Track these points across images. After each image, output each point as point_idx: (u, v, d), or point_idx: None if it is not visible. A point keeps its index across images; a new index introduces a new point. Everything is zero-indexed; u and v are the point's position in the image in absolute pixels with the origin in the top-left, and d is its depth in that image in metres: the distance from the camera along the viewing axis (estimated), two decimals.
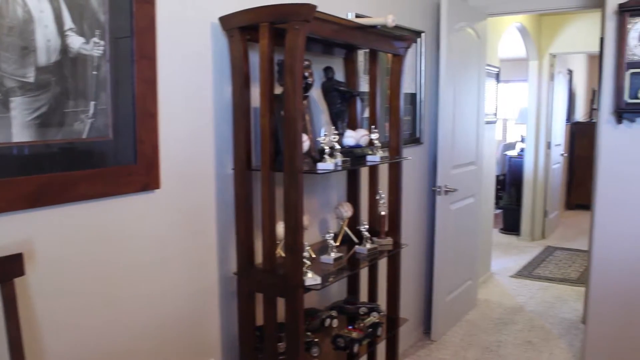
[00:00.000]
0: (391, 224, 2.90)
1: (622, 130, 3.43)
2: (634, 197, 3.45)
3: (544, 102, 7.28)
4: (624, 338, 3.56)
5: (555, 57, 7.36)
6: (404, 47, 2.84)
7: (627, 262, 3.50)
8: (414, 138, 3.84)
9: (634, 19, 3.30)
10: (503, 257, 6.60)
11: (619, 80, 3.34)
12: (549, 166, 7.50)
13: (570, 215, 8.98)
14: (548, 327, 4.51)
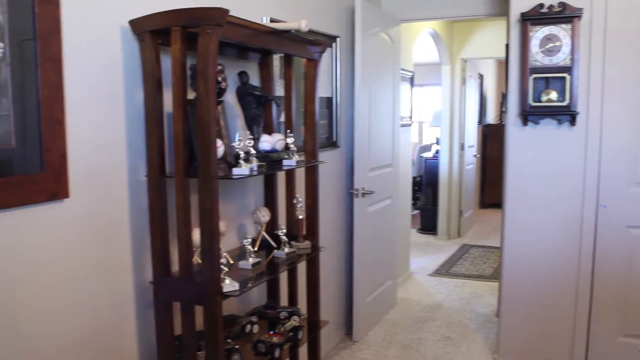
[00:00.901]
0: (309, 228, 2.92)
1: (527, 132, 3.61)
2: (540, 195, 3.64)
3: (457, 106, 7.55)
4: (534, 329, 3.74)
5: (467, 62, 7.65)
6: (318, 52, 2.87)
7: (535, 257, 3.68)
8: (330, 142, 3.88)
9: (535, 28, 3.48)
10: (421, 256, 6.78)
11: (524, 84, 3.51)
12: (463, 167, 7.77)
13: (484, 213, 9.34)
14: (465, 322, 4.67)
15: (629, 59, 3.39)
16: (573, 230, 3.58)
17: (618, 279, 3.53)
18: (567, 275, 3.63)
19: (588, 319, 3.62)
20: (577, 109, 3.44)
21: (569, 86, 3.41)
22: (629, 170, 3.45)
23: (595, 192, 3.51)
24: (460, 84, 7.57)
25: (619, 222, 3.49)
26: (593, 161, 3.50)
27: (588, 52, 3.44)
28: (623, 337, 3.53)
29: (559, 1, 3.41)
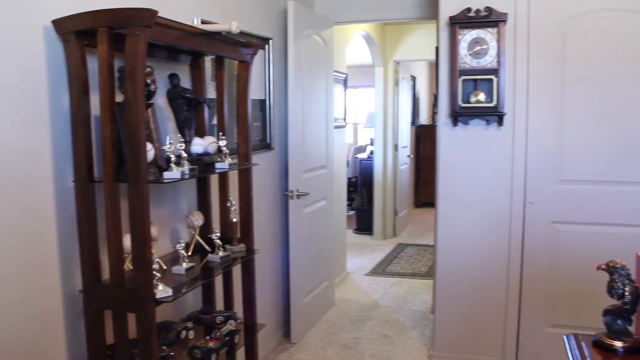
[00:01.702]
0: (243, 231, 2.90)
1: (458, 132, 3.70)
2: (471, 194, 3.73)
3: (390, 107, 7.66)
4: (468, 323, 3.84)
5: (399, 64, 7.79)
6: (250, 54, 2.85)
7: (467, 254, 3.78)
8: (264, 144, 3.86)
9: (463, 31, 3.57)
10: (358, 256, 6.85)
11: (453, 86, 3.60)
12: (397, 167, 7.90)
13: (418, 213, 9.52)
14: (401, 320, 4.74)
15: (550, 61, 3.53)
16: (503, 227, 3.70)
17: (545, 273, 3.66)
18: (497, 271, 3.74)
19: (518, 312, 3.75)
20: (504, 109, 3.56)
21: (496, 88, 3.52)
22: (553, 168, 3.59)
23: (522, 189, 3.64)
24: (393, 85, 7.69)
25: (545, 218, 3.63)
26: (520, 160, 3.62)
27: (513, 55, 3.56)
28: (550, 328, 3.67)
29: (486, 6, 3.51)
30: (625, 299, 1.71)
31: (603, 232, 3.53)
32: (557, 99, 3.54)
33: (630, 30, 3.41)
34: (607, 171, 3.52)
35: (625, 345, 1.72)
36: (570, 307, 3.60)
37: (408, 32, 7.49)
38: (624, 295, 1.71)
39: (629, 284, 1.72)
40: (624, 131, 3.48)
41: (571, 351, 1.79)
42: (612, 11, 3.43)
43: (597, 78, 3.48)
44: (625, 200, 3.51)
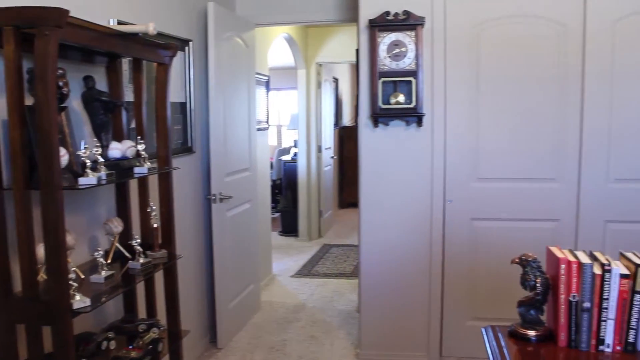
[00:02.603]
0: (165, 236, 2.83)
1: (379, 133, 3.77)
2: (392, 193, 3.81)
3: (313, 109, 7.70)
4: (393, 320, 3.91)
5: (322, 66, 7.84)
6: (169, 56, 2.79)
7: (390, 252, 3.85)
8: (185, 147, 3.79)
9: (383, 34, 3.64)
10: (283, 258, 6.84)
11: (373, 88, 3.66)
12: (321, 169, 7.95)
13: (343, 213, 9.62)
14: (328, 320, 4.77)
15: (466, 64, 3.66)
16: (424, 225, 3.80)
17: (465, 268, 3.79)
18: (420, 268, 3.83)
19: (441, 307, 3.86)
20: (422, 110, 3.65)
21: (415, 89, 3.61)
22: (470, 166, 3.72)
23: (442, 188, 3.75)
24: (316, 87, 7.73)
25: (464, 215, 3.75)
26: (439, 159, 3.73)
27: (431, 57, 3.66)
28: (472, 321, 3.79)
29: (404, 10, 3.60)
30: (537, 290, 1.79)
31: (517, 227, 3.70)
32: (473, 99, 3.68)
33: (536, 35, 3.60)
34: (520, 169, 3.69)
35: (538, 334, 1.80)
36: (490, 300, 3.74)
37: (330, 34, 7.56)
38: (535, 286, 1.79)
39: (540, 275, 1.80)
40: (534, 130, 3.66)
41: (489, 342, 1.86)
42: (520, 17, 3.61)
43: (509, 80, 3.64)
44: (536, 196, 3.69)
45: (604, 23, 3.53)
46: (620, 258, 1.80)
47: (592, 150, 3.61)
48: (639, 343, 1.71)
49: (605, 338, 1.72)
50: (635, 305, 1.69)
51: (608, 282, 1.69)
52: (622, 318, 1.70)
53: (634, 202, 3.62)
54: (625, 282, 1.69)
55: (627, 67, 3.54)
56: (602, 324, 1.72)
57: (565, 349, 1.76)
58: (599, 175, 3.62)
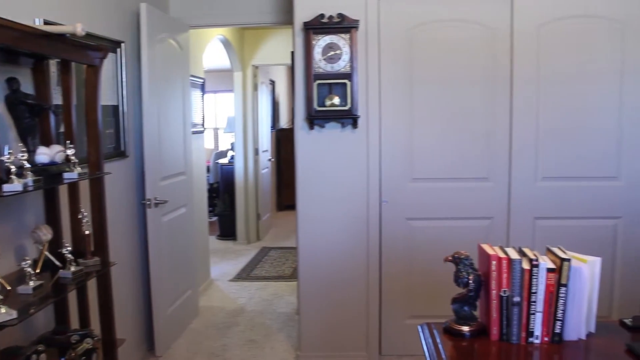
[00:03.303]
0: (98, 243, 2.76)
1: (314, 135, 3.79)
2: (329, 195, 3.83)
3: (250, 111, 7.66)
4: (332, 321, 3.93)
5: (258, 68, 7.81)
6: (99, 58, 2.72)
7: (328, 253, 3.87)
8: (118, 151, 3.70)
9: (318, 36, 3.66)
10: (222, 262, 6.78)
11: (309, 90, 3.67)
12: (259, 171, 7.92)
13: (281, 215, 9.61)
14: (268, 324, 4.76)
15: (399, 66, 3.73)
16: (361, 226, 3.83)
17: (402, 268, 3.85)
18: (358, 268, 3.87)
19: (379, 307, 3.90)
20: (357, 112, 3.69)
21: (350, 91, 3.65)
22: (405, 167, 3.79)
23: (378, 189, 3.80)
24: (253, 90, 7.70)
25: (400, 215, 3.82)
26: (374, 160, 3.78)
27: (365, 60, 3.71)
28: (409, 319, 3.86)
29: (338, 12, 3.63)
30: (469, 286, 1.84)
31: (452, 226, 3.79)
32: (407, 101, 3.75)
33: (467, 38, 3.71)
34: (454, 169, 3.79)
35: (472, 329, 1.85)
36: (427, 298, 3.82)
37: (266, 36, 7.54)
38: (468, 283, 1.84)
39: (472, 272, 1.85)
40: (467, 131, 3.76)
41: (425, 339, 1.89)
42: (452, 21, 3.72)
43: (442, 82, 3.74)
44: (469, 195, 3.79)
45: (530, 28, 3.67)
46: (547, 253, 1.87)
47: (521, 150, 3.74)
48: (565, 333, 1.79)
49: (534, 330, 1.79)
50: (560, 298, 1.76)
51: (536, 277, 1.76)
52: (549, 310, 1.77)
53: (560, 199, 3.78)
54: (551, 276, 1.76)
55: (551, 70, 3.69)
56: (531, 316, 1.78)
57: (497, 343, 1.81)
58: (528, 174, 3.76)
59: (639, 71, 3.70)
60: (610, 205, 3.79)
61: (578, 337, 1.81)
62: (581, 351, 1.78)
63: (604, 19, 3.68)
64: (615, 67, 3.70)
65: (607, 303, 3.84)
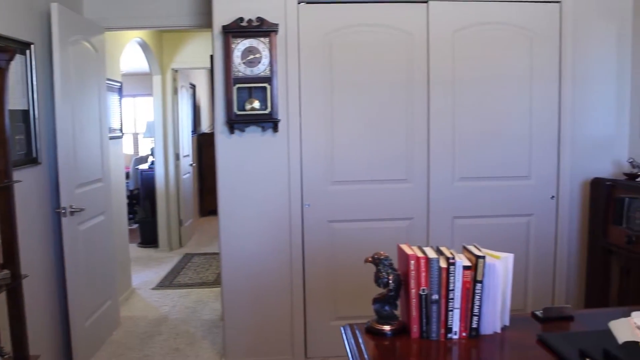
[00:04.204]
0: (7, 255, 2.62)
1: (235, 140, 3.76)
2: (251, 200, 3.82)
3: (170, 116, 7.51)
4: (257, 326, 3.91)
5: (178, 72, 7.67)
6: (5, 60, 2.60)
7: (251, 258, 3.85)
8: (30, 158, 3.53)
9: (237, 40, 3.64)
10: (144, 270, 6.61)
11: (229, 94, 3.64)
12: (180, 177, 7.78)
13: (204, 221, 9.48)
14: (192, 331, 4.67)
15: (319, 70, 3.77)
16: (283, 230, 3.84)
17: (325, 270, 3.88)
18: (281, 272, 3.87)
19: (304, 310, 3.92)
20: (278, 116, 3.70)
21: (270, 95, 3.65)
22: (326, 170, 3.83)
23: (299, 192, 3.82)
24: (173, 94, 7.55)
25: (321, 218, 3.85)
26: (296, 164, 3.79)
27: (285, 63, 3.72)
28: (334, 321, 3.90)
29: (257, 16, 3.62)
30: (389, 286, 1.88)
31: (373, 227, 3.86)
32: (327, 105, 3.79)
33: (385, 43, 3.79)
34: (374, 171, 3.86)
35: (393, 328, 1.89)
36: (350, 300, 3.86)
37: (186, 39, 7.41)
38: (388, 283, 1.88)
39: (392, 272, 1.89)
40: (386, 134, 3.84)
41: (347, 340, 1.91)
42: (370, 26, 3.79)
43: (361, 86, 3.80)
44: (390, 197, 3.87)
45: (445, 33, 3.80)
46: (463, 251, 1.94)
47: (438, 151, 3.86)
48: (482, 328, 1.85)
49: (452, 326, 1.84)
50: (476, 294, 1.82)
51: (453, 275, 1.81)
52: (467, 306, 1.83)
53: (476, 199, 3.92)
54: (467, 273, 1.82)
55: (466, 75, 3.84)
56: (449, 313, 1.83)
57: (418, 340, 1.85)
58: (446, 175, 3.88)
59: (546, 77, 3.91)
60: (523, 204, 3.98)
61: (494, 331, 1.87)
62: (496, 344, 1.85)
63: (515, 26, 3.86)
64: (525, 72, 3.89)
65: (522, 296, 4.02)
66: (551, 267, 4.05)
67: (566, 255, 4.05)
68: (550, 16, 3.88)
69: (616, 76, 3.99)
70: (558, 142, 3.96)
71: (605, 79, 3.99)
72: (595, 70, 3.97)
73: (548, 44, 3.90)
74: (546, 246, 4.03)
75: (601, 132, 4.01)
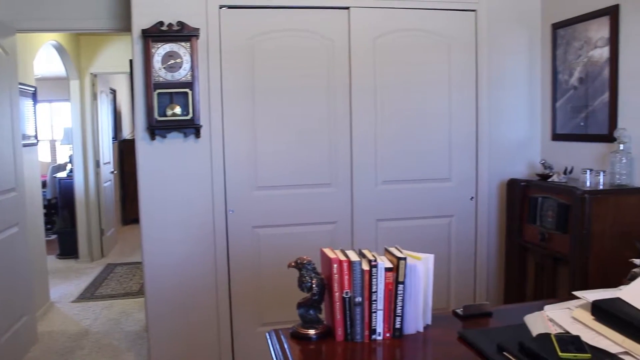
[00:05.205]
0: None
1: (156, 146, 3.68)
2: (174, 207, 3.74)
3: (89, 122, 7.27)
4: (183, 335, 3.83)
5: (97, 76, 7.43)
6: None
7: (175, 266, 3.77)
8: None
9: (157, 44, 3.56)
10: (63, 283, 6.36)
11: (149, 99, 3.56)
12: (101, 185, 7.54)
13: (127, 230, 9.23)
14: (116, 344, 4.53)
15: (241, 75, 3.74)
16: (207, 237, 3.78)
17: (251, 276, 3.85)
18: (206, 280, 3.81)
19: (230, 317, 3.87)
20: (200, 122, 3.64)
21: (192, 101, 3.59)
22: (250, 176, 3.80)
23: (223, 199, 3.77)
24: (92, 99, 7.31)
25: (246, 224, 3.82)
26: (219, 170, 3.75)
27: (207, 68, 3.67)
28: (261, 327, 3.86)
29: (178, 20, 3.56)
30: (313, 290, 1.88)
31: (298, 232, 3.87)
32: (250, 110, 3.77)
33: (308, 48, 3.82)
34: (298, 176, 3.87)
35: (318, 332, 1.89)
36: (276, 305, 3.85)
37: (105, 43, 7.19)
38: (312, 287, 1.88)
39: (315, 277, 1.90)
40: (310, 138, 3.86)
41: (273, 346, 1.91)
42: (292, 31, 3.81)
43: (285, 91, 3.81)
44: (314, 201, 3.89)
45: (366, 39, 3.86)
46: (385, 253, 1.97)
47: (361, 155, 3.91)
48: (405, 327, 1.89)
49: (376, 327, 1.86)
50: (399, 295, 1.86)
51: (375, 277, 1.84)
52: (390, 307, 1.86)
53: (398, 202, 4.00)
54: (389, 274, 1.85)
55: (387, 80, 3.92)
56: (373, 315, 1.85)
57: (342, 343, 1.86)
58: (369, 178, 3.94)
59: (464, 82, 4.05)
60: (444, 205, 4.09)
61: (416, 330, 1.91)
62: (419, 343, 1.89)
63: (434, 33, 3.98)
64: (444, 78, 4.01)
65: (445, 295, 4.13)
66: (472, 266, 4.19)
67: (486, 254, 4.19)
68: (467, 24, 4.02)
69: (528, 81, 4.18)
70: (476, 145, 4.10)
71: (518, 84, 4.17)
72: (509, 76, 4.14)
73: (465, 50, 4.03)
74: (467, 246, 4.16)
75: (516, 134, 4.19)
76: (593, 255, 3.17)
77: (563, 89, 3.93)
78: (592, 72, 3.63)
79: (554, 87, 4.03)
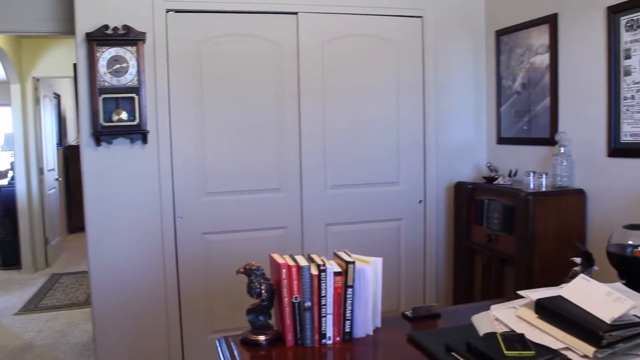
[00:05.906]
0: None
1: (102, 152, 3.59)
2: (120, 214, 3.66)
3: (32, 127, 7.06)
4: (132, 344, 3.74)
5: (39, 80, 7.22)
6: None
7: (123, 275, 3.68)
8: None
9: (102, 48, 3.48)
10: (5, 295, 6.15)
11: (94, 104, 3.48)
12: (45, 192, 7.33)
13: (73, 238, 8.99)
14: (61, 357, 4.41)
15: (189, 80, 3.70)
16: (156, 244, 3.72)
17: (201, 283, 3.80)
18: (155, 287, 3.74)
19: (180, 325, 3.81)
20: (147, 127, 3.58)
21: (138, 106, 3.52)
22: (199, 182, 3.76)
23: (171, 205, 3.71)
24: (34, 104, 7.10)
25: (195, 230, 3.77)
26: (167, 176, 3.69)
27: (154, 73, 3.61)
28: (212, 334, 3.82)
29: (123, 24, 3.50)
30: (262, 296, 1.87)
31: (248, 237, 3.85)
32: (198, 115, 3.73)
33: (256, 53, 3.81)
34: (247, 181, 3.85)
35: (268, 338, 1.88)
36: (227, 312, 3.81)
37: (49, 46, 6.99)
38: (261, 293, 1.87)
39: (264, 282, 1.88)
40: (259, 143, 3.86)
41: (222, 353, 1.89)
42: (240, 35, 3.80)
43: (233, 96, 3.79)
44: (264, 207, 3.88)
45: (315, 44, 3.88)
46: (334, 257, 1.97)
47: (310, 160, 3.92)
48: (354, 331, 1.90)
49: (326, 332, 1.86)
50: (348, 298, 1.86)
51: (324, 281, 1.84)
52: (339, 311, 1.87)
53: (348, 206, 4.03)
54: (338, 279, 1.85)
55: (336, 85, 3.95)
56: (322, 319, 1.85)
57: (293, 348, 1.86)
58: (318, 183, 3.95)
59: (411, 87, 4.12)
60: (393, 209, 4.14)
61: (366, 333, 1.92)
62: (369, 346, 1.90)
63: (382, 38, 4.03)
64: (392, 82, 4.07)
65: (395, 298, 4.18)
66: (421, 268, 4.25)
67: (435, 256, 4.26)
68: (414, 30, 4.09)
69: (474, 86, 4.27)
70: (424, 148, 4.16)
71: (464, 89, 4.26)
72: (455, 81, 4.23)
73: (412, 55, 4.10)
74: (416, 248, 4.22)
75: (462, 138, 4.27)
76: (537, 255, 3.26)
77: (507, 94, 4.04)
78: (534, 78, 3.74)
79: (499, 92, 4.13)
